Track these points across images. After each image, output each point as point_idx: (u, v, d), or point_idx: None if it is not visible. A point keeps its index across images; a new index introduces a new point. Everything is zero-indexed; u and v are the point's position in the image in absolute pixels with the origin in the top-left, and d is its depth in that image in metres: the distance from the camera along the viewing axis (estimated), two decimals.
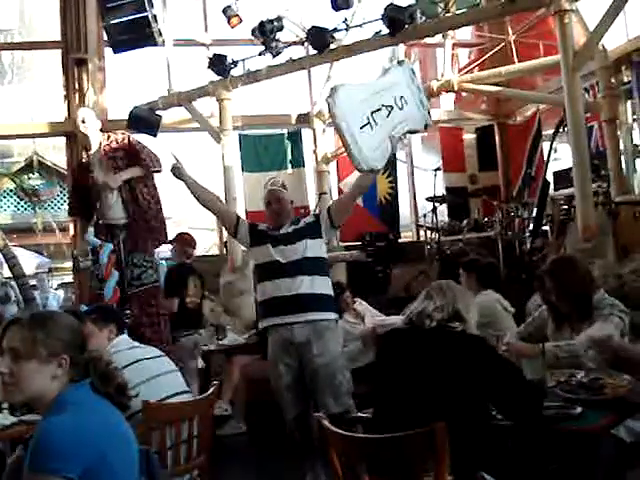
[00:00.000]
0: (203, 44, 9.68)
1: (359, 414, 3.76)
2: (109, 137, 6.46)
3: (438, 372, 2.88)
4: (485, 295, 6.04)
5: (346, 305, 6.63)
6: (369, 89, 4.59)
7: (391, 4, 7.16)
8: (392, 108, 4.57)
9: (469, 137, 11.01)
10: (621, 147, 8.13)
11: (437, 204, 9.65)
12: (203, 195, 4.94)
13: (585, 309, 3.74)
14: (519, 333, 4.23)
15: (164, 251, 8.51)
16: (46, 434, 2.05)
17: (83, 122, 6.51)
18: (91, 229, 6.59)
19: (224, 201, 8.69)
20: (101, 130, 6.56)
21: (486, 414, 2.94)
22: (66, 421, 2.08)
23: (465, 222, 9.24)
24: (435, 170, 9.96)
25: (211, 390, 3.77)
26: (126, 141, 6.45)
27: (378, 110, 4.49)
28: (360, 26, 7.72)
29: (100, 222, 6.44)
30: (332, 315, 4.65)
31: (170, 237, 7.03)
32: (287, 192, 5.06)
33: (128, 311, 6.06)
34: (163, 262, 7.27)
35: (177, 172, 4.84)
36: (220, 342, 7.01)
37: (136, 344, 4.00)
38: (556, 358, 3.54)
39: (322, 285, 4.64)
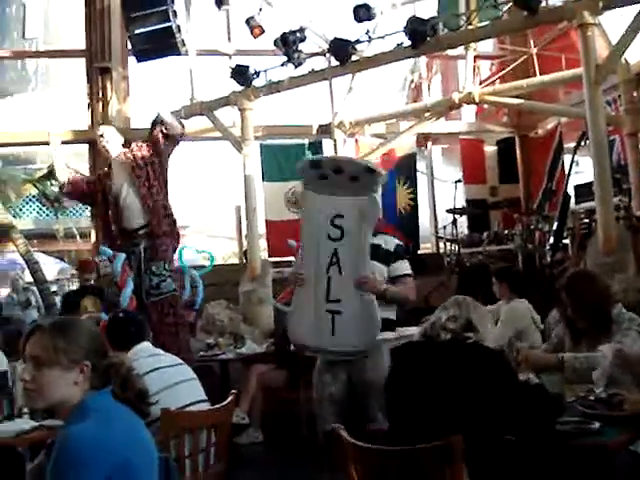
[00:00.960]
0: (226, 54, 9.75)
1: None
2: (132, 148, 6.51)
3: (452, 386, 2.87)
4: (520, 302, 6.05)
5: None
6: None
7: (413, 16, 7.21)
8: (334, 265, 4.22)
9: (490, 149, 11.00)
10: None
11: (457, 216, 9.65)
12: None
13: (603, 324, 3.70)
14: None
15: (193, 259, 8.57)
16: (69, 441, 2.06)
17: (102, 137, 6.56)
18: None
19: (243, 210, 8.77)
20: (123, 145, 6.62)
21: (501, 428, 2.93)
22: (89, 428, 2.09)
23: (485, 234, 9.23)
24: (455, 182, 9.97)
25: (229, 399, 3.78)
26: (149, 148, 6.49)
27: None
28: (382, 38, 7.75)
29: (115, 229, 6.46)
30: (390, 335, 4.44)
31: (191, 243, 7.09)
32: None
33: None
34: (194, 271, 7.31)
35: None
36: (238, 351, 7.02)
37: (157, 352, 4.02)
38: (574, 370, 3.52)
39: (385, 310, 4.39)
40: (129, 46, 8.95)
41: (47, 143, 7.07)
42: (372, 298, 4.19)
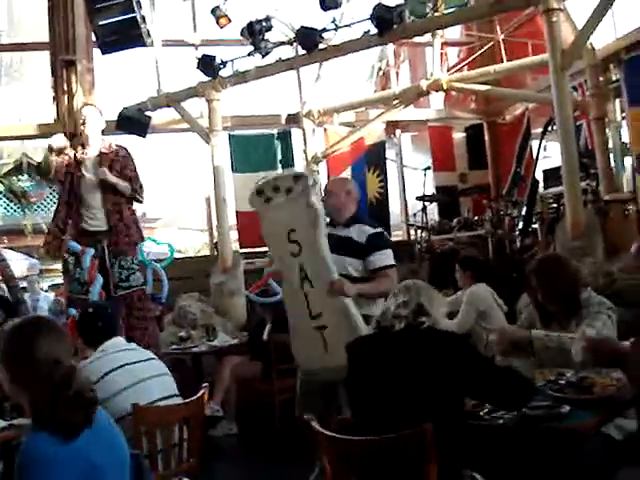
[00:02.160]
0: (192, 44, 9.66)
1: None
2: (110, 146, 6.39)
3: (411, 374, 2.86)
4: (479, 286, 6.14)
5: None
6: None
7: (379, 4, 7.17)
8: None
9: (459, 136, 11.02)
10: (610, 145, 8.16)
11: (427, 203, 9.67)
12: None
13: (572, 307, 3.73)
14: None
15: (157, 252, 8.50)
16: (29, 451, 2.03)
17: (84, 121, 6.41)
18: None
19: (213, 201, 8.73)
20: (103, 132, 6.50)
21: (462, 411, 2.94)
22: (48, 436, 2.06)
23: (455, 221, 9.26)
24: (425, 169, 9.99)
25: (201, 392, 3.76)
26: (127, 159, 6.39)
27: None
28: (349, 26, 7.72)
29: (81, 227, 6.37)
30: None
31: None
32: (343, 184, 4.90)
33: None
34: (157, 264, 7.26)
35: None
36: (211, 343, 6.99)
37: (128, 346, 3.98)
38: (545, 348, 3.51)
39: (368, 306, 4.41)
40: (94, 38, 8.84)
41: (13, 138, 6.93)
42: (346, 304, 4.17)
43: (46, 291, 14.98)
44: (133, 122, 8.21)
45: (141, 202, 6.50)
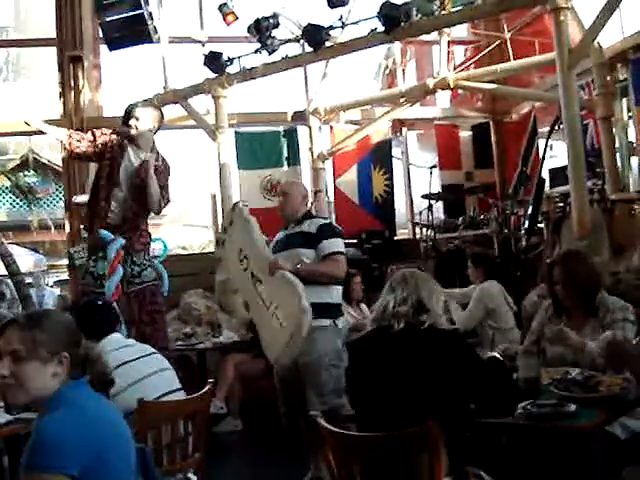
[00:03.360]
0: (199, 41, 9.64)
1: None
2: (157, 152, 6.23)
3: (412, 374, 2.85)
4: (491, 283, 6.15)
5: (354, 292, 6.69)
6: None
7: (387, 2, 7.16)
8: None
9: (465, 134, 11.01)
10: (616, 145, 8.14)
11: (433, 201, 9.65)
12: None
13: (589, 306, 3.72)
14: (526, 349, 3.95)
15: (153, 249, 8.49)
16: (43, 432, 2.04)
17: (137, 119, 5.99)
18: None
19: (219, 198, 8.73)
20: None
21: (467, 409, 2.93)
22: (64, 419, 2.07)
23: (461, 219, 9.23)
24: (431, 167, 9.98)
25: (207, 388, 3.77)
26: (165, 169, 6.27)
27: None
28: (356, 23, 7.72)
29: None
30: (326, 322, 4.59)
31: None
32: (298, 187, 5.15)
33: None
34: (154, 260, 7.23)
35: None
36: (215, 340, 7.00)
37: (127, 342, 3.98)
38: (591, 360, 3.47)
39: (319, 294, 4.55)
40: (101, 34, 8.84)
41: (20, 133, 6.82)
42: (282, 272, 4.43)
43: (51, 287, 15.03)
44: None
45: (157, 213, 6.33)
